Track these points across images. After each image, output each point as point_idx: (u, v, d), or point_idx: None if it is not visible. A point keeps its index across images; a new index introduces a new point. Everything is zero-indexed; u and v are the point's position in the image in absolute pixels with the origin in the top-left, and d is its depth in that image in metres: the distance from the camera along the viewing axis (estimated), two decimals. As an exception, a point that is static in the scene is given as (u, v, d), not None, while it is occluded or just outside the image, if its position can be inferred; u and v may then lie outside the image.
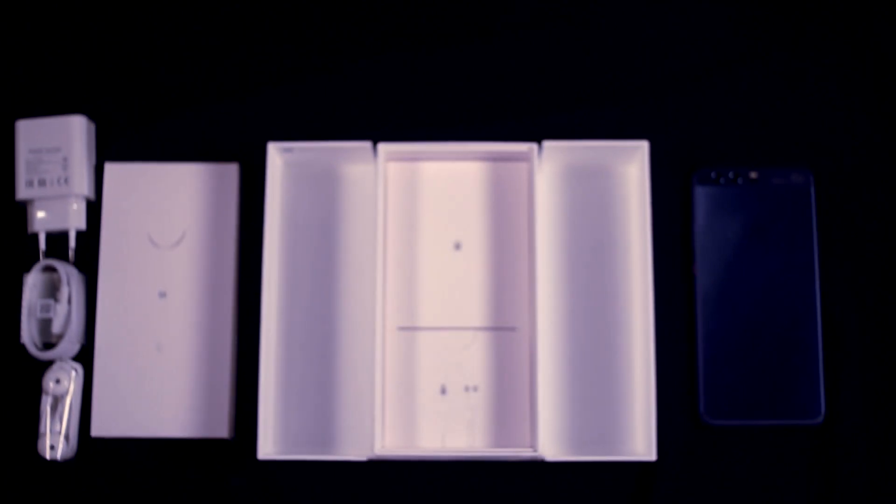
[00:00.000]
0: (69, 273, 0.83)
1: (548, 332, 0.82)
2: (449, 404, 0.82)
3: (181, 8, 0.88)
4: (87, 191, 0.85)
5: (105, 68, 0.88)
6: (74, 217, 0.85)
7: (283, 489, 0.82)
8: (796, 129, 0.86)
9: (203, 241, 0.84)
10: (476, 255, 0.83)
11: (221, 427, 0.82)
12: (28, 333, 0.82)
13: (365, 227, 0.83)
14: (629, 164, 0.84)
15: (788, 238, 0.83)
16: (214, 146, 0.86)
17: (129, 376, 0.82)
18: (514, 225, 0.84)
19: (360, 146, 0.82)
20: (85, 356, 0.84)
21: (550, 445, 0.81)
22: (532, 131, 0.84)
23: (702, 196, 0.84)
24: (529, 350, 0.81)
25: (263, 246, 0.81)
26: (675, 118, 0.86)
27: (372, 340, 0.80)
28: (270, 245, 0.81)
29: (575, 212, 0.84)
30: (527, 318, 0.82)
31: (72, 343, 0.83)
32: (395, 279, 0.83)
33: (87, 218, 0.85)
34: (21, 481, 0.83)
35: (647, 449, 0.79)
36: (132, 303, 0.83)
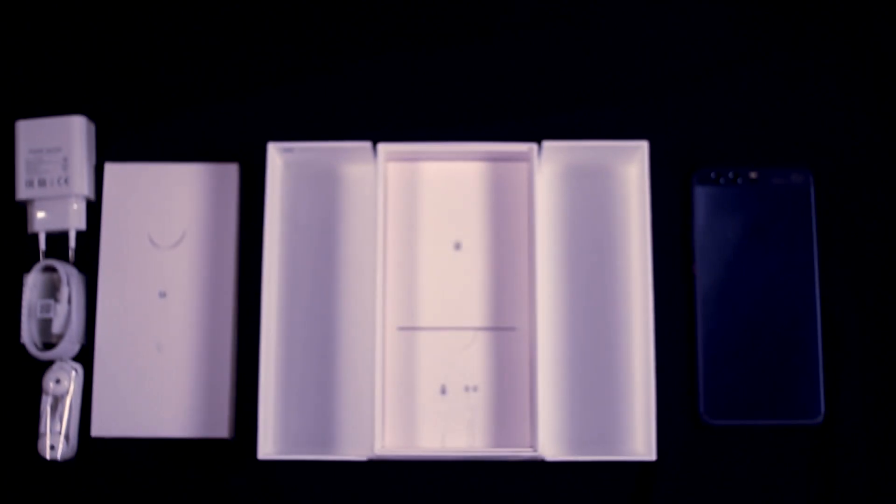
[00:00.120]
0: (69, 273, 0.83)
1: (548, 332, 0.82)
2: (449, 404, 0.82)
3: (181, 8, 0.88)
4: (87, 191, 0.85)
5: (105, 68, 0.88)
6: (74, 217, 0.85)
7: (283, 489, 0.82)
8: (796, 129, 0.86)
9: (203, 241, 0.84)
10: (476, 255, 0.83)
11: (221, 427, 0.82)
12: (28, 333, 0.82)
13: (365, 227, 0.83)
14: (629, 164, 0.84)
15: (788, 238, 0.83)
16: (214, 146, 0.86)
17: (130, 376, 0.82)
18: (514, 225, 0.84)
19: (360, 146, 0.82)
20: (85, 356, 0.84)
21: (550, 445, 0.81)
22: (532, 131, 0.84)
23: (702, 196, 0.84)
24: (529, 350, 0.81)
25: (263, 246, 0.81)
26: (675, 118, 0.86)
27: (372, 340, 0.80)
28: (270, 245, 0.81)
29: (575, 212, 0.84)
30: (527, 318, 0.82)
31: (72, 343, 0.83)
32: (395, 279, 0.83)
33: (87, 218, 0.85)
34: (21, 481, 0.83)
35: (647, 449, 0.79)
36: (132, 303, 0.83)
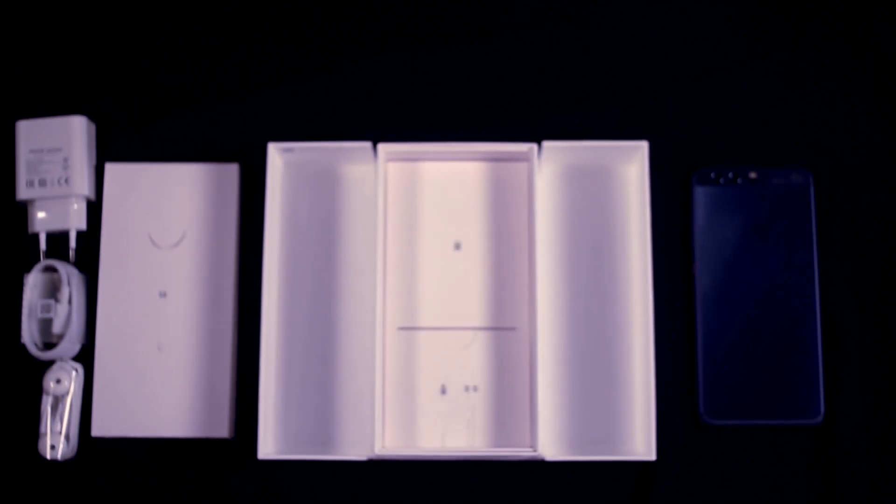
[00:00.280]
0: (70, 273, 0.83)
1: (548, 332, 0.82)
2: (449, 404, 0.82)
3: (181, 8, 0.88)
4: (87, 191, 0.85)
5: (105, 68, 0.88)
6: (75, 217, 0.85)
7: (283, 489, 0.83)
8: (796, 129, 0.86)
9: (203, 241, 0.84)
10: (476, 255, 0.83)
11: (222, 427, 0.82)
12: (28, 333, 0.82)
13: (365, 227, 0.83)
14: (629, 165, 0.84)
15: (788, 238, 0.83)
16: (215, 146, 0.86)
17: (130, 376, 0.82)
18: (514, 225, 0.84)
19: (361, 146, 0.82)
20: (85, 356, 0.84)
21: (550, 445, 0.81)
22: (532, 131, 0.84)
23: (701, 196, 0.84)
24: (529, 350, 0.81)
25: (264, 246, 0.81)
26: (675, 118, 0.86)
27: (372, 340, 0.80)
28: (271, 245, 0.81)
29: (575, 212, 0.84)
30: (527, 318, 0.82)
31: (72, 343, 0.83)
32: (395, 279, 0.83)
33: (87, 218, 0.85)
34: (21, 481, 0.83)
35: (646, 449, 0.79)
36: (133, 303, 0.83)
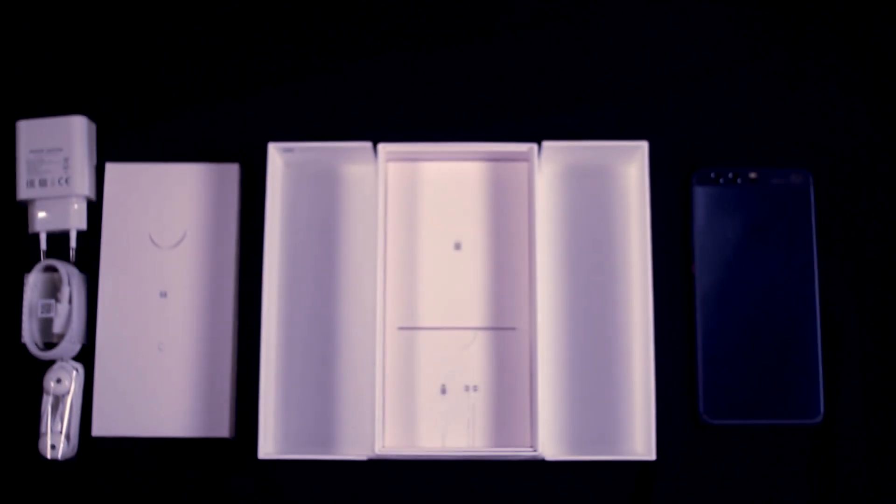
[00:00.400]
0: (70, 273, 0.84)
1: (548, 332, 0.82)
2: (449, 404, 0.82)
3: (181, 8, 0.88)
4: (87, 191, 0.85)
5: (105, 68, 0.88)
6: (75, 217, 0.85)
7: (284, 489, 0.83)
8: (796, 129, 0.86)
9: (204, 241, 0.84)
10: (476, 255, 0.83)
11: (222, 427, 0.82)
12: (29, 333, 0.82)
13: (365, 227, 0.83)
14: (629, 164, 0.84)
15: (788, 238, 0.83)
16: (215, 146, 0.86)
17: (130, 376, 0.82)
18: (514, 225, 0.84)
19: (361, 146, 0.82)
20: (86, 356, 0.84)
21: (550, 445, 0.81)
22: (532, 131, 0.84)
23: (701, 196, 0.84)
24: (529, 350, 0.81)
25: (264, 246, 0.81)
26: (675, 118, 0.86)
27: (372, 340, 0.80)
28: (271, 245, 0.81)
29: (575, 212, 0.84)
30: (527, 318, 0.82)
31: (73, 343, 0.83)
32: (395, 279, 0.83)
33: (87, 218, 0.85)
34: (22, 481, 0.83)
35: (646, 448, 0.79)
36: (133, 303, 0.83)
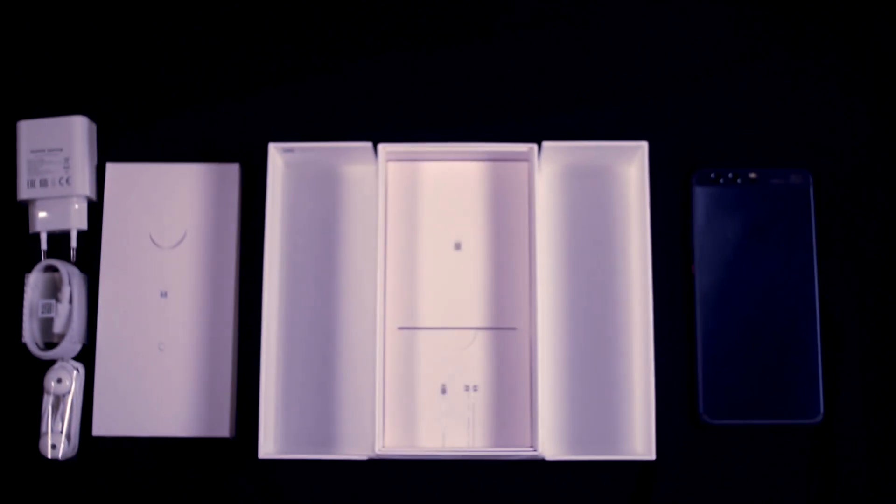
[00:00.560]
0: (70, 273, 0.84)
1: (548, 332, 0.82)
2: (449, 404, 0.82)
3: (181, 8, 0.89)
4: (88, 191, 0.85)
5: (106, 69, 0.88)
6: (76, 217, 0.85)
7: (284, 488, 0.83)
8: (796, 129, 0.86)
9: (204, 241, 0.84)
10: (476, 255, 0.83)
11: (222, 426, 0.82)
12: (29, 333, 0.83)
13: (365, 227, 0.84)
14: (629, 165, 0.84)
15: (787, 238, 0.83)
16: (215, 146, 0.86)
17: (131, 376, 0.83)
18: (514, 225, 0.84)
19: (361, 146, 0.82)
20: (86, 356, 0.84)
21: (550, 445, 0.81)
22: (532, 131, 0.85)
23: (701, 196, 0.84)
24: (529, 350, 0.81)
25: (264, 246, 0.81)
26: (675, 118, 0.86)
27: (372, 340, 0.80)
28: (271, 245, 0.81)
29: (575, 212, 0.84)
30: (527, 318, 0.82)
31: (73, 343, 0.83)
32: (395, 279, 0.83)
33: (88, 218, 0.85)
34: (22, 480, 0.83)
35: (646, 448, 0.79)
36: (133, 303, 0.84)
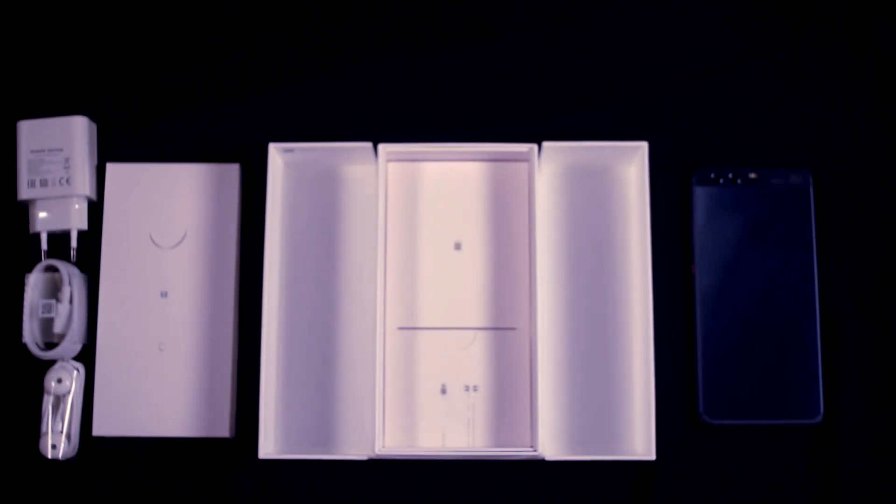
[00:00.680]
0: (71, 273, 0.84)
1: (548, 332, 0.82)
2: (449, 404, 0.82)
3: (181, 8, 0.89)
4: (88, 191, 0.85)
5: (106, 69, 0.88)
6: (76, 217, 0.85)
7: (284, 489, 0.83)
8: (796, 129, 0.86)
9: (204, 241, 0.84)
10: (476, 255, 0.83)
11: (222, 426, 0.82)
12: (30, 333, 0.83)
13: (365, 227, 0.84)
14: (629, 165, 0.84)
15: (787, 238, 0.83)
16: (215, 146, 0.86)
17: (131, 376, 0.83)
18: (514, 225, 0.84)
19: (361, 147, 0.82)
20: (86, 356, 0.84)
21: (550, 445, 0.81)
22: (532, 131, 0.85)
23: (701, 196, 0.84)
24: (529, 350, 0.81)
25: (264, 246, 0.81)
26: (675, 118, 0.86)
27: (372, 340, 0.80)
28: (271, 245, 0.81)
29: (575, 212, 0.84)
30: (527, 318, 0.82)
31: (73, 343, 0.83)
32: (396, 279, 0.83)
33: (88, 218, 0.86)
34: (22, 480, 0.83)
35: (646, 448, 0.79)
36: (134, 303, 0.84)
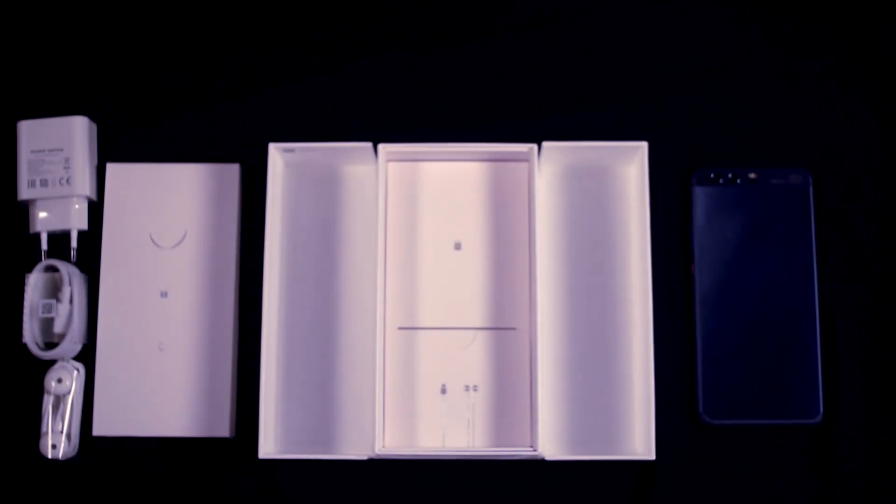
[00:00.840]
0: (71, 273, 0.84)
1: (548, 332, 0.82)
2: (449, 404, 0.82)
3: (181, 8, 0.89)
4: (88, 191, 0.85)
5: (106, 69, 0.88)
6: (76, 217, 0.85)
7: (284, 488, 0.83)
8: (796, 129, 0.86)
9: (204, 241, 0.84)
10: (476, 255, 0.83)
11: (222, 426, 0.82)
12: (30, 333, 0.83)
13: (365, 227, 0.84)
14: (629, 165, 0.84)
15: (787, 238, 0.83)
16: (215, 146, 0.86)
17: (131, 376, 0.83)
18: (514, 225, 0.84)
19: (361, 147, 0.82)
20: (86, 356, 0.84)
21: (550, 445, 0.81)
22: (532, 131, 0.85)
23: (701, 196, 0.84)
24: (529, 350, 0.81)
25: (264, 246, 0.81)
26: (674, 118, 0.86)
27: (372, 340, 0.80)
28: (271, 245, 0.81)
29: (575, 212, 0.84)
30: (527, 318, 0.82)
31: (73, 343, 0.83)
32: (396, 279, 0.83)
33: (88, 218, 0.86)
34: (23, 480, 0.83)
35: (646, 448, 0.79)
36: (134, 303, 0.84)
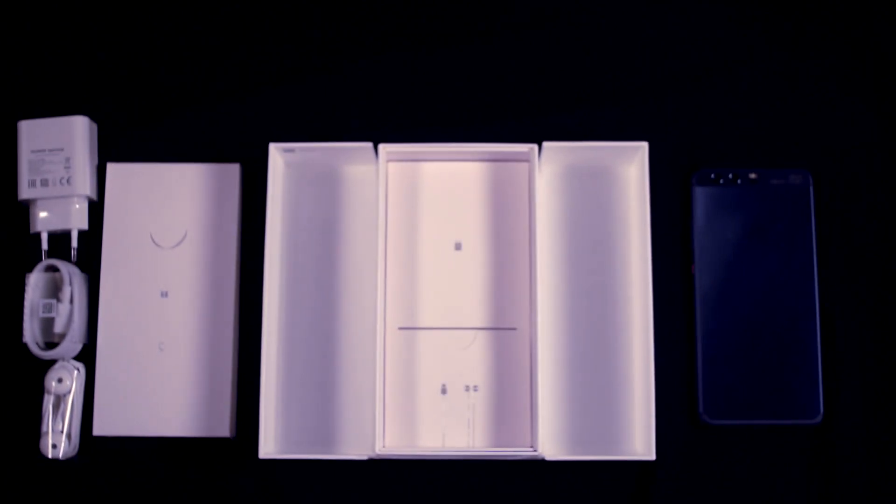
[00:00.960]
0: (71, 273, 0.84)
1: (548, 332, 0.82)
2: (449, 404, 0.82)
3: (181, 8, 0.89)
4: (89, 191, 0.85)
5: (106, 69, 0.88)
6: (76, 217, 0.85)
7: (284, 488, 0.83)
8: (796, 129, 0.86)
9: (205, 241, 0.84)
10: (476, 255, 0.83)
11: (223, 426, 0.82)
12: (30, 333, 0.83)
13: (366, 227, 0.84)
14: (629, 165, 0.84)
15: (787, 238, 0.83)
16: (216, 146, 0.86)
17: (131, 375, 0.83)
18: (514, 225, 0.84)
19: (361, 147, 0.82)
20: (87, 355, 0.84)
21: (550, 445, 0.81)
22: (532, 131, 0.85)
23: (701, 196, 0.84)
24: (529, 350, 0.82)
25: (265, 246, 0.81)
26: (675, 118, 0.86)
27: (372, 340, 0.80)
28: (272, 245, 0.81)
29: (575, 212, 0.84)
30: (527, 319, 0.82)
31: (74, 342, 0.83)
32: (396, 279, 0.83)
33: (89, 218, 0.86)
34: (23, 480, 0.83)
35: (646, 448, 0.79)
36: (134, 302, 0.84)
